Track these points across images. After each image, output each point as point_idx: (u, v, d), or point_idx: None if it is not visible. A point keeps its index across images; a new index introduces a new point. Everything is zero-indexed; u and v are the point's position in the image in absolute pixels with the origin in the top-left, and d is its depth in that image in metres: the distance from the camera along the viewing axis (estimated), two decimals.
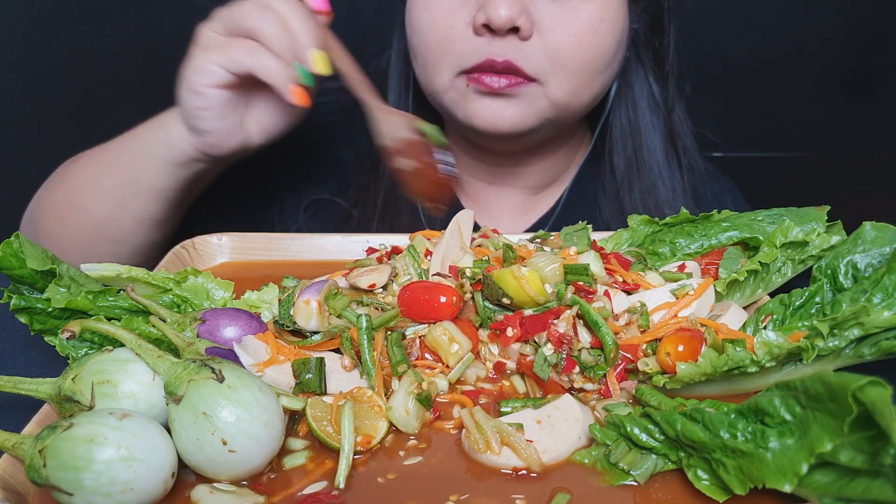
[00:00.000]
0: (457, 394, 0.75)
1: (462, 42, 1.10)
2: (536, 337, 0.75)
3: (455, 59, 1.11)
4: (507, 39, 1.08)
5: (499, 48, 1.08)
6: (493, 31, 1.07)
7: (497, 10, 1.04)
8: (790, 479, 0.54)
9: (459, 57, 1.11)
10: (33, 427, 0.66)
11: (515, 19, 1.05)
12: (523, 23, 1.06)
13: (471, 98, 1.13)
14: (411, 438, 0.69)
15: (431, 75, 1.16)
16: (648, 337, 0.76)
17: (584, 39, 1.10)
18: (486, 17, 1.05)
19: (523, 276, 0.77)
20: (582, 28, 1.09)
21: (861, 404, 0.49)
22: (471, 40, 1.09)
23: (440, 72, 1.14)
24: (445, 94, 1.16)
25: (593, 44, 1.11)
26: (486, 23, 1.06)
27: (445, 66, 1.13)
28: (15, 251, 0.77)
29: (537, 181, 1.35)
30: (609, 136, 1.30)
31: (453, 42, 1.10)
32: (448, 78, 1.14)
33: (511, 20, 1.05)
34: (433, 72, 1.15)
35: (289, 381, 0.73)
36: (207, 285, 0.90)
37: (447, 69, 1.13)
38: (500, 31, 1.06)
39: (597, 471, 0.64)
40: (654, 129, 1.29)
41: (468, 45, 1.09)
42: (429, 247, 0.91)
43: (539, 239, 0.97)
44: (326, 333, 0.77)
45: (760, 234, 0.93)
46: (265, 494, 0.61)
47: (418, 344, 0.78)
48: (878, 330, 0.70)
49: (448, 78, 1.14)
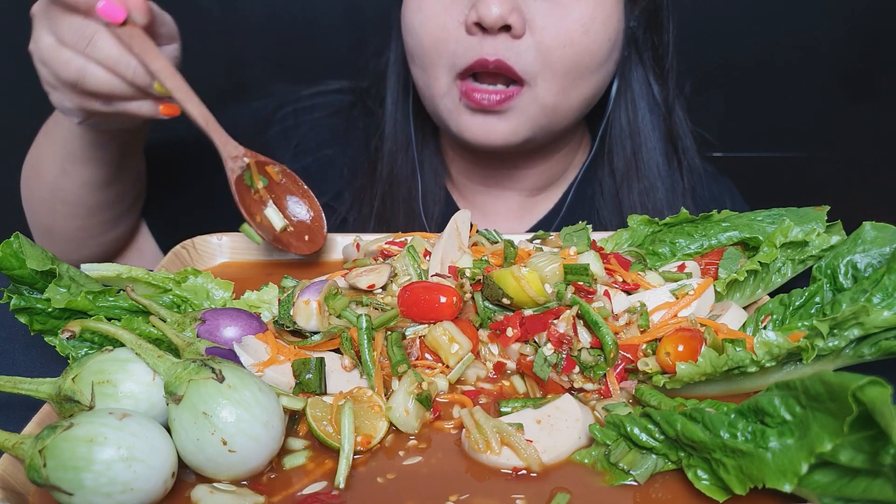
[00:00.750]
0: (457, 394, 0.75)
1: (454, 42, 1.10)
2: (536, 337, 0.75)
3: (449, 59, 1.11)
4: (498, 38, 1.07)
5: (490, 47, 1.07)
6: (485, 29, 1.07)
7: (488, 8, 1.03)
8: (790, 478, 0.54)
9: (453, 57, 1.10)
10: (33, 427, 0.66)
11: (507, 17, 1.05)
12: (514, 21, 1.05)
13: (463, 113, 1.14)
14: (411, 438, 0.69)
15: (429, 79, 1.16)
16: (648, 337, 0.76)
17: (575, 38, 1.09)
18: (478, 15, 1.05)
19: (523, 277, 0.77)
20: (573, 27, 1.09)
21: (861, 404, 0.49)
22: (463, 40, 1.09)
23: (437, 75, 1.14)
24: (441, 100, 1.16)
25: (584, 42, 1.10)
26: (478, 21, 1.05)
27: (441, 68, 1.13)
28: (15, 251, 0.77)
29: (535, 184, 1.34)
30: (608, 137, 1.30)
31: (446, 42, 1.10)
32: (445, 82, 1.13)
33: (502, 18, 1.04)
34: (431, 75, 1.15)
35: (289, 381, 0.73)
36: (207, 285, 0.90)
37: (443, 72, 1.13)
38: (492, 30, 1.06)
39: (597, 471, 0.64)
40: (653, 129, 1.28)
41: (460, 44, 1.09)
42: (427, 247, 0.91)
43: (539, 240, 0.97)
44: (326, 333, 0.77)
45: (760, 235, 0.93)
46: (265, 494, 0.61)
47: (418, 344, 0.78)
48: (877, 330, 0.69)
49: (445, 82, 1.13)
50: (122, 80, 0.93)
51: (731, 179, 1.46)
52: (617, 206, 1.29)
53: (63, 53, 0.92)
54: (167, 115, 0.99)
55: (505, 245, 0.87)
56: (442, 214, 1.30)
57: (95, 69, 0.92)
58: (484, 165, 1.31)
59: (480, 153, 1.27)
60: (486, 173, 1.32)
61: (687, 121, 1.34)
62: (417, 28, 1.13)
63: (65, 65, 0.92)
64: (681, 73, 1.31)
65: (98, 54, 0.92)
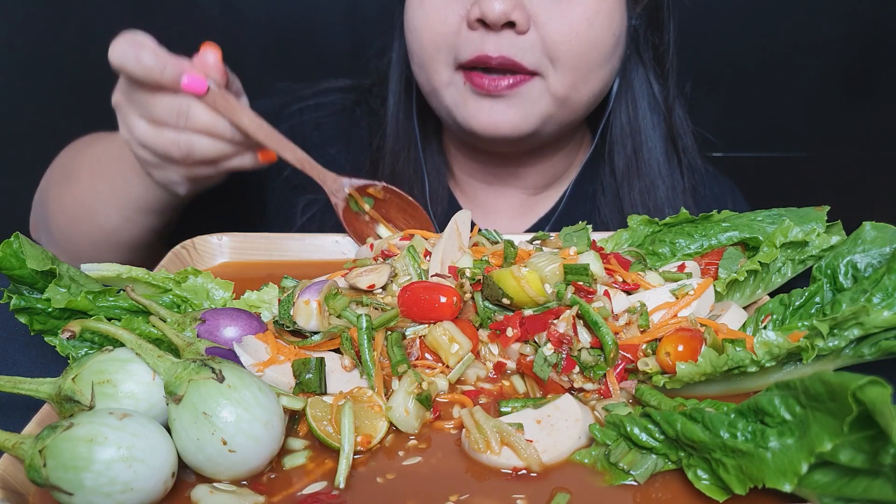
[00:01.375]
0: (457, 394, 0.75)
1: (455, 36, 1.09)
2: (536, 337, 0.75)
3: (449, 53, 1.11)
4: (502, 34, 1.07)
5: (493, 44, 1.07)
6: (487, 25, 1.06)
7: (491, 4, 1.03)
8: (790, 478, 0.54)
9: (454, 51, 1.10)
10: (33, 427, 0.66)
11: (510, 13, 1.04)
12: (518, 17, 1.05)
13: (469, 100, 1.13)
14: (411, 438, 0.69)
15: (429, 73, 1.15)
16: (648, 337, 0.76)
17: (580, 31, 1.09)
18: (481, 11, 1.04)
19: (523, 277, 0.77)
20: (577, 20, 1.08)
21: (861, 404, 0.49)
22: (465, 35, 1.08)
23: (436, 69, 1.13)
24: (445, 90, 1.15)
25: (589, 36, 1.10)
26: (481, 17, 1.05)
27: (441, 61, 1.12)
28: (15, 251, 0.77)
29: (537, 182, 1.34)
30: (609, 136, 1.29)
31: (447, 37, 1.10)
32: (446, 74, 1.13)
33: (505, 14, 1.04)
34: (430, 69, 1.14)
35: (289, 381, 0.73)
36: (207, 285, 0.90)
37: (443, 65, 1.12)
38: (495, 26, 1.06)
39: (597, 470, 0.64)
40: (654, 128, 1.28)
41: (462, 39, 1.09)
42: (427, 247, 0.91)
43: (539, 240, 0.97)
44: (326, 333, 0.77)
45: (760, 235, 0.93)
46: (265, 494, 0.61)
47: (418, 344, 0.78)
48: (877, 330, 0.70)
49: (446, 74, 1.13)
50: (224, 141, 0.97)
51: (732, 179, 1.46)
52: (618, 204, 1.29)
53: (165, 134, 0.95)
54: (266, 162, 1.03)
55: (505, 245, 0.87)
56: (444, 213, 1.30)
57: (200, 140, 0.96)
58: (486, 163, 1.31)
59: (484, 150, 1.27)
60: (489, 171, 1.32)
61: (687, 120, 1.34)
62: (418, 24, 1.13)
63: (172, 144, 0.95)
64: (681, 73, 1.31)
65: (198, 125, 0.95)
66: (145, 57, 0.92)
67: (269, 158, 1.03)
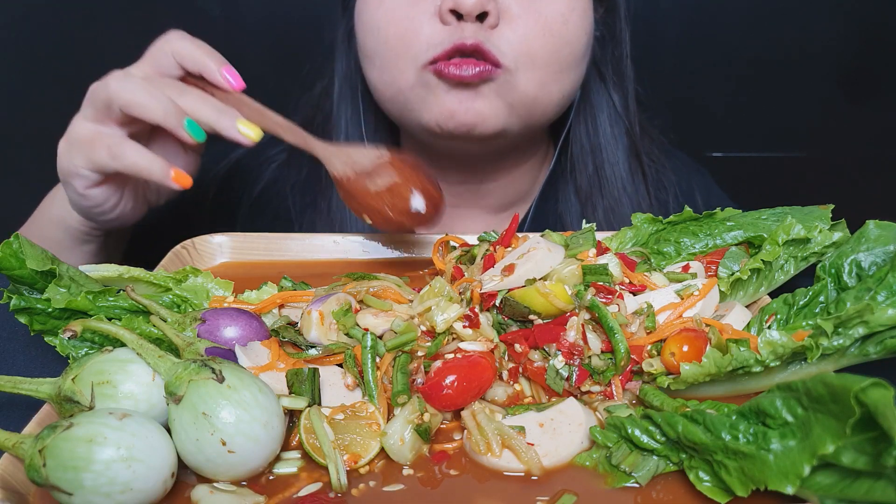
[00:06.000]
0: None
1: (426, 33, 1.05)
2: (546, 346, 0.73)
3: (419, 50, 1.06)
4: (475, 26, 1.03)
5: (469, 32, 1.03)
6: (459, 17, 1.03)
7: None
8: (792, 480, 0.54)
9: (424, 48, 1.06)
10: (33, 427, 0.65)
11: (485, 4, 1.02)
12: (492, 8, 1.03)
13: (439, 93, 1.07)
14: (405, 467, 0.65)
15: (393, 74, 1.10)
16: (654, 338, 0.75)
17: (555, 28, 1.07)
18: (455, 2, 1.01)
19: (550, 292, 0.74)
20: (552, 17, 1.06)
21: (863, 406, 0.49)
22: (436, 29, 1.05)
23: (402, 68, 1.08)
24: (411, 91, 1.09)
25: (563, 34, 1.07)
26: (454, 8, 1.02)
27: (408, 60, 1.07)
28: (15, 251, 0.77)
29: (501, 199, 1.31)
30: (570, 154, 1.27)
31: (416, 33, 1.06)
32: (412, 73, 1.08)
33: (481, 4, 1.01)
34: (395, 69, 1.09)
35: (285, 389, 0.71)
36: (207, 285, 0.90)
37: (410, 64, 1.07)
38: (469, 17, 1.02)
39: (598, 473, 0.64)
40: (616, 143, 1.26)
41: (434, 34, 1.05)
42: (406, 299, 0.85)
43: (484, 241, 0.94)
44: (325, 349, 0.75)
45: (765, 233, 0.92)
46: (265, 494, 0.61)
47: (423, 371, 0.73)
48: (882, 328, 0.69)
49: (412, 73, 1.08)
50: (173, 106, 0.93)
51: (732, 179, 1.44)
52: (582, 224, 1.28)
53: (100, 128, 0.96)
54: (178, 184, 0.96)
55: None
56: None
57: (148, 92, 0.92)
58: (450, 181, 1.25)
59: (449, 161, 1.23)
60: (452, 190, 1.27)
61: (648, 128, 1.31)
62: (380, 23, 1.09)
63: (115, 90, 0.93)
64: (678, 73, 1.30)
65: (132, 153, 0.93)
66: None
67: (186, 184, 0.96)
